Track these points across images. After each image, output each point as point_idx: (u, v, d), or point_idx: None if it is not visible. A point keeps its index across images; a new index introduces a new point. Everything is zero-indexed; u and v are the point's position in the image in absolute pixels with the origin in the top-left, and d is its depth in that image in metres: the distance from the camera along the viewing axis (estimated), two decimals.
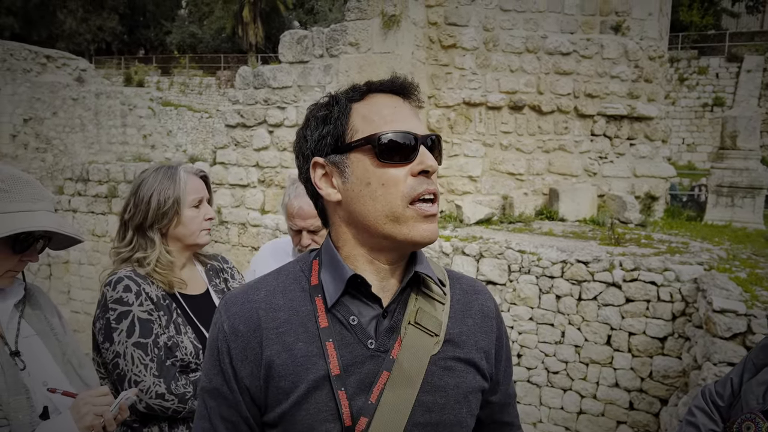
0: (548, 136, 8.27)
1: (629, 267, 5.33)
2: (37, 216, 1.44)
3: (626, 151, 8.39)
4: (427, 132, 1.09)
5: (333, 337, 1.04)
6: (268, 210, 7.97)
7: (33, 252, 1.50)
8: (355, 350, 1.04)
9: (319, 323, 1.05)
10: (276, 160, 7.96)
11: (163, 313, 1.87)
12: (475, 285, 1.23)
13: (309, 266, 1.13)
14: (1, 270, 1.45)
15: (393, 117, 1.07)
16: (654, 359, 5.21)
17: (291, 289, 1.10)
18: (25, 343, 1.50)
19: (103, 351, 1.82)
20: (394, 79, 1.12)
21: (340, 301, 1.06)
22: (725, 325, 3.96)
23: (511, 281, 5.80)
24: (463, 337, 1.13)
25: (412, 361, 1.05)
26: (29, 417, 1.37)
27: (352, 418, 1.01)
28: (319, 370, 1.02)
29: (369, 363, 1.04)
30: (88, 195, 9.63)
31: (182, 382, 1.81)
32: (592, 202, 8.01)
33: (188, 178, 2.01)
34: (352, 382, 1.03)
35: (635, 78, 8.29)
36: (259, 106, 8.03)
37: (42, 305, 1.62)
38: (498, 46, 8.09)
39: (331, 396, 1.01)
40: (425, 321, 1.09)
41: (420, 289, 1.12)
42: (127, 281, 1.86)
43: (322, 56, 7.64)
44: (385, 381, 1.03)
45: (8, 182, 1.43)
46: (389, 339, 1.06)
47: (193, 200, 2.00)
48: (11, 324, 1.51)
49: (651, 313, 5.22)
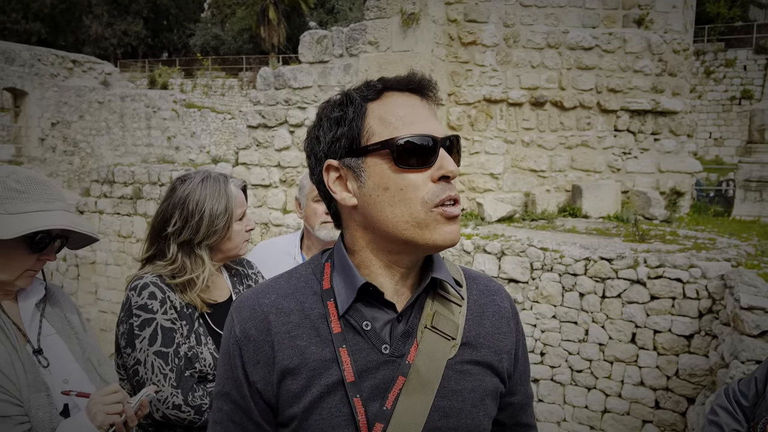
0: (570, 132, 8.18)
1: (654, 264, 5.24)
2: (53, 215, 1.46)
3: (650, 146, 8.26)
4: (446, 133, 1.05)
5: (346, 343, 1.03)
6: (289, 210, 8.02)
7: (50, 251, 1.52)
8: (370, 356, 1.02)
9: (332, 329, 1.03)
10: (297, 160, 8.00)
11: (186, 323, 1.86)
12: (491, 285, 1.20)
13: (321, 269, 1.10)
14: (20, 269, 1.47)
15: (410, 118, 1.03)
16: (680, 357, 5.12)
17: (302, 292, 1.08)
18: (46, 341, 1.53)
19: (124, 355, 1.82)
20: (411, 76, 1.07)
21: (353, 306, 1.04)
22: (753, 322, 3.87)
23: (534, 279, 5.75)
24: (480, 340, 1.11)
25: (429, 366, 1.03)
26: (50, 414, 1.40)
27: (368, 425, 0.99)
28: (333, 376, 1.01)
29: (384, 368, 1.02)
30: (113, 197, 9.79)
31: (199, 393, 1.80)
32: (615, 199, 7.90)
33: (236, 191, 1.97)
34: (366, 388, 1.01)
35: (659, 72, 8.15)
36: (280, 106, 8.07)
37: (62, 304, 1.65)
38: (518, 42, 8.02)
39: (344, 401, 1.00)
40: (442, 325, 1.07)
41: (436, 291, 1.10)
42: (152, 288, 1.83)
43: (341, 56, 7.65)
44: (401, 387, 1.02)
45: (24, 183, 1.46)
46: (405, 344, 1.04)
47: (239, 213, 1.96)
48: (33, 323, 1.53)
49: (677, 311, 5.13)
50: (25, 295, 1.55)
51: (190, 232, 1.86)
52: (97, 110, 18.47)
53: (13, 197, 1.43)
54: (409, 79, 1.06)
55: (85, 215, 9.87)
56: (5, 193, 1.43)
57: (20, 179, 1.46)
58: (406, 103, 1.05)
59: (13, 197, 1.43)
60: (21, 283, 1.50)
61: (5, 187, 1.43)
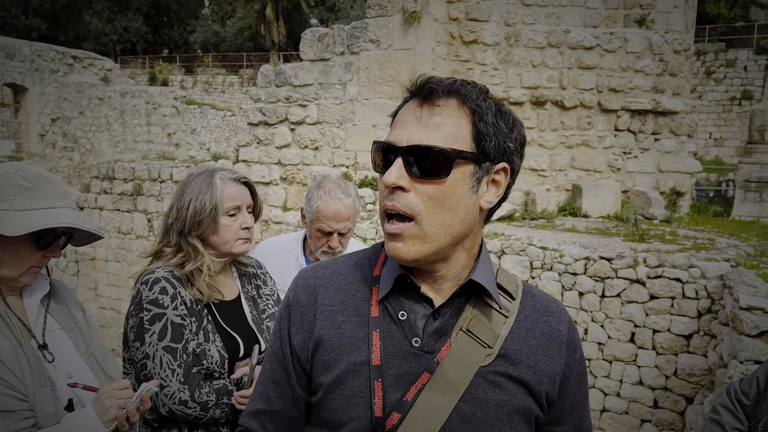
0: (571, 132, 8.19)
1: (653, 263, 5.25)
2: (60, 213, 1.47)
3: (651, 146, 8.27)
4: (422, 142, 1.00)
5: (380, 328, 1.05)
6: (290, 207, 8.03)
7: (56, 248, 1.53)
8: (399, 345, 1.04)
9: (371, 312, 1.07)
10: (298, 158, 8.01)
11: (195, 319, 1.86)
12: (550, 306, 1.14)
13: (377, 256, 1.15)
14: (26, 266, 1.48)
15: (396, 124, 1.06)
16: (679, 357, 5.13)
17: (355, 274, 1.13)
18: (51, 336, 1.54)
19: (132, 349, 1.82)
20: (417, 79, 1.06)
21: (394, 295, 1.07)
22: (752, 322, 3.88)
23: (533, 278, 5.76)
24: (521, 356, 1.07)
25: (457, 368, 1.03)
26: (54, 409, 1.41)
27: (384, 410, 1.01)
28: (361, 355, 1.04)
29: (411, 360, 1.03)
30: (113, 193, 9.79)
31: (206, 390, 1.80)
32: (615, 198, 7.91)
33: (225, 185, 1.94)
34: (390, 375, 1.02)
35: (660, 72, 8.16)
36: (280, 104, 8.08)
37: (66, 300, 1.66)
38: (520, 41, 8.03)
39: (367, 384, 1.02)
40: (478, 330, 1.05)
41: (480, 298, 1.08)
42: (164, 283, 1.84)
43: (343, 53, 7.66)
44: (425, 382, 1.02)
45: (32, 180, 1.47)
46: (436, 341, 1.04)
47: (229, 208, 1.92)
48: (38, 318, 1.54)
49: (676, 311, 5.14)
50: (30, 291, 1.56)
51: (181, 223, 1.91)
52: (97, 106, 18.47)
53: (21, 194, 1.44)
54: (414, 83, 1.06)
55: (85, 211, 9.87)
56: (13, 190, 1.43)
57: (27, 176, 1.47)
58: (406, 109, 1.06)
59: (20, 194, 1.44)
60: (26, 279, 1.50)
61: (13, 184, 1.44)
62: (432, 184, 1.00)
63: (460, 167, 1.01)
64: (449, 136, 1.01)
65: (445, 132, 1.01)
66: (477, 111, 1.03)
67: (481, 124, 1.02)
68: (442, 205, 1.00)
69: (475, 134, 1.02)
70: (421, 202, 1.00)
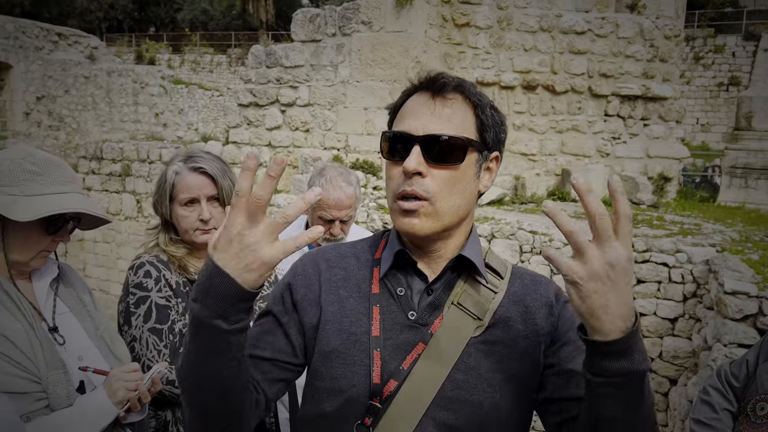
0: (561, 117, 8.23)
1: (641, 248, 5.33)
2: (69, 198, 1.48)
3: (640, 131, 8.34)
4: (437, 131, 1.09)
5: (381, 302, 1.14)
6: (280, 189, 8.02)
7: (64, 233, 1.55)
8: (397, 318, 1.13)
9: (372, 289, 1.15)
10: (288, 140, 7.99)
11: (181, 300, 1.89)
12: (538, 278, 1.23)
13: (378, 242, 1.24)
14: (36, 250, 1.50)
15: (406, 115, 1.14)
16: (664, 340, 5.24)
17: (359, 256, 1.22)
18: (60, 319, 1.56)
19: (122, 333, 1.86)
20: (427, 73, 1.16)
21: (393, 272, 1.16)
22: (736, 306, 3.98)
23: (523, 262, 5.82)
24: (511, 323, 1.15)
25: (449, 339, 1.11)
26: (66, 391, 1.43)
27: (382, 378, 1.08)
28: (362, 327, 1.13)
29: (407, 332, 1.12)
30: (102, 173, 9.72)
31: None
32: (604, 183, 7.98)
33: (180, 176, 1.91)
34: (388, 345, 1.11)
35: (650, 57, 8.20)
36: (271, 85, 8.03)
37: (74, 283, 1.68)
38: (512, 25, 8.02)
39: (367, 353, 1.10)
40: (468, 304, 1.14)
41: (471, 275, 1.17)
42: (148, 266, 1.88)
43: (334, 35, 7.61)
44: (420, 352, 1.10)
45: (41, 165, 1.48)
46: (430, 314, 1.13)
47: (183, 200, 1.91)
48: (48, 301, 1.57)
49: (662, 295, 5.23)
50: (39, 275, 1.58)
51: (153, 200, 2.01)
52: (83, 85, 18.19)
53: (30, 180, 1.45)
54: (424, 77, 1.16)
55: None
56: (22, 176, 1.44)
57: (37, 161, 1.48)
58: (416, 101, 1.15)
59: (30, 179, 1.45)
60: (36, 263, 1.52)
61: (22, 170, 1.45)
62: (447, 170, 1.10)
63: (470, 155, 1.13)
64: (459, 126, 1.12)
65: (456, 123, 1.12)
66: (479, 105, 1.15)
67: (483, 116, 1.14)
68: (453, 188, 1.11)
69: (479, 125, 1.14)
70: (436, 185, 1.10)
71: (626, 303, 0.88)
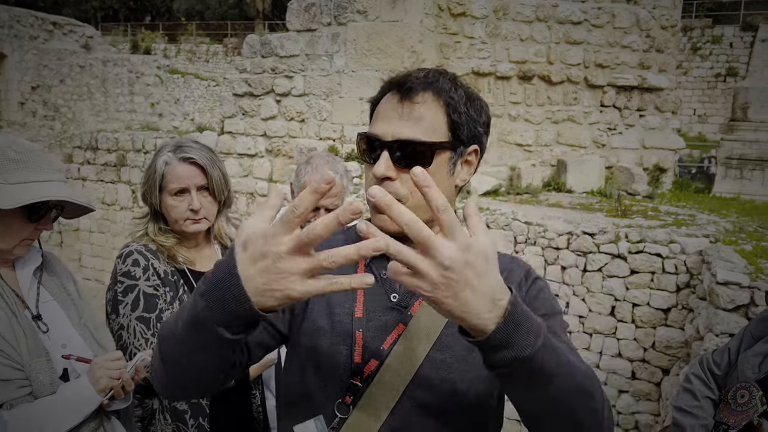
0: (557, 107, 8.22)
1: (635, 239, 5.34)
2: (52, 186, 1.48)
3: (636, 122, 8.33)
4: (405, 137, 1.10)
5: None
6: (275, 179, 8.00)
7: (47, 221, 1.54)
8: (380, 300, 1.17)
9: (358, 271, 1.18)
10: (284, 130, 7.96)
11: (170, 289, 1.90)
12: (512, 259, 1.26)
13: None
14: (18, 238, 1.50)
15: (380, 116, 1.16)
16: (657, 330, 5.26)
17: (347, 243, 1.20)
18: (44, 307, 1.56)
19: (110, 321, 1.87)
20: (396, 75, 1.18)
21: (379, 258, 1.16)
22: (728, 296, 3.99)
23: (517, 252, 5.83)
24: None
25: (428, 321, 1.14)
26: (49, 378, 1.44)
27: (363, 357, 1.11)
28: (346, 308, 1.16)
29: (389, 314, 1.15)
30: (97, 163, 9.68)
31: None
32: (600, 174, 7.99)
33: (169, 167, 1.92)
34: (371, 327, 1.14)
35: (647, 48, 8.18)
36: (266, 74, 8.00)
37: (58, 272, 1.68)
38: (508, 15, 7.99)
39: (349, 333, 1.13)
40: None
41: None
42: (136, 255, 1.89)
43: (330, 24, 7.57)
44: (400, 333, 1.13)
45: (23, 153, 1.48)
46: (411, 297, 1.16)
47: (172, 189, 1.92)
48: (31, 290, 1.57)
49: (656, 285, 5.25)
50: (22, 263, 1.58)
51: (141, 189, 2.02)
52: (78, 74, 18.10)
53: (13, 168, 1.45)
54: (395, 76, 1.17)
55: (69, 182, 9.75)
56: (5, 164, 1.44)
57: (20, 150, 1.48)
58: (388, 102, 1.16)
59: (13, 168, 1.45)
60: (19, 251, 1.52)
61: (5, 158, 1.45)
62: None
63: (439, 156, 1.14)
64: (428, 128, 1.12)
65: (425, 125, 1.12)
66: (451, 103, 1.14)
67: (455, 115, 1.14)
68: None
69: (450, 124, 1.15)
70: (406, 188, 1.12)
71: (486, 294, 0.82)
